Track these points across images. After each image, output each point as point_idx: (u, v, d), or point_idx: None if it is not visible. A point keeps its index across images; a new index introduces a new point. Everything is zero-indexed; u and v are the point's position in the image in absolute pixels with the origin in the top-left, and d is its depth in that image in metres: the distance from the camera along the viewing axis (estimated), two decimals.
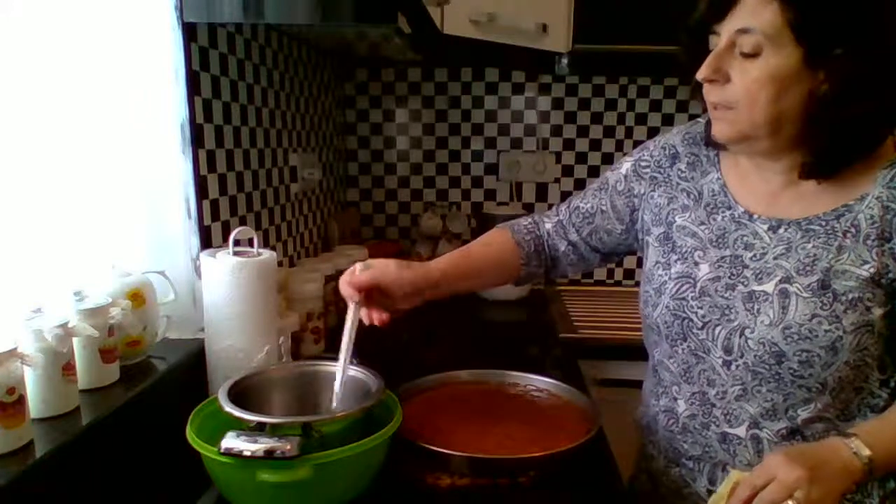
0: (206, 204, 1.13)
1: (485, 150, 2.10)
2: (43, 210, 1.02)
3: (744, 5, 0.76)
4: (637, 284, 2.22)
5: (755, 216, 0.87)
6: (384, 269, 0.90)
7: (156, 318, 1.06)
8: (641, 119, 2.06)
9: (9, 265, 0.96)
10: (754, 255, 0.86)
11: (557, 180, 2.12)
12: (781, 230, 0.85)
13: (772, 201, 0.87)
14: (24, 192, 1.00)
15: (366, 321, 0.88)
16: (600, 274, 2.17)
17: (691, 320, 0.89)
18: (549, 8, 1.64)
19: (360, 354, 0.94)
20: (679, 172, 0.96)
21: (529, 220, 1.10)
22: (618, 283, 2.17)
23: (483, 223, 1.93)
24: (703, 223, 0.91)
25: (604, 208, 1.03)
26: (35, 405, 0.80)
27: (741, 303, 0.85)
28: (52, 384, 0.82)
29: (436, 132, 2.10)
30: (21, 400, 0.74)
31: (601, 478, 0.91)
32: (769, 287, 0.83)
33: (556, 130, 2.08)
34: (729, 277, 0.87)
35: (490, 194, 2.14)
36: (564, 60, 1.79)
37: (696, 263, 0.90)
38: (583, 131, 2.08)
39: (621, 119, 2.06)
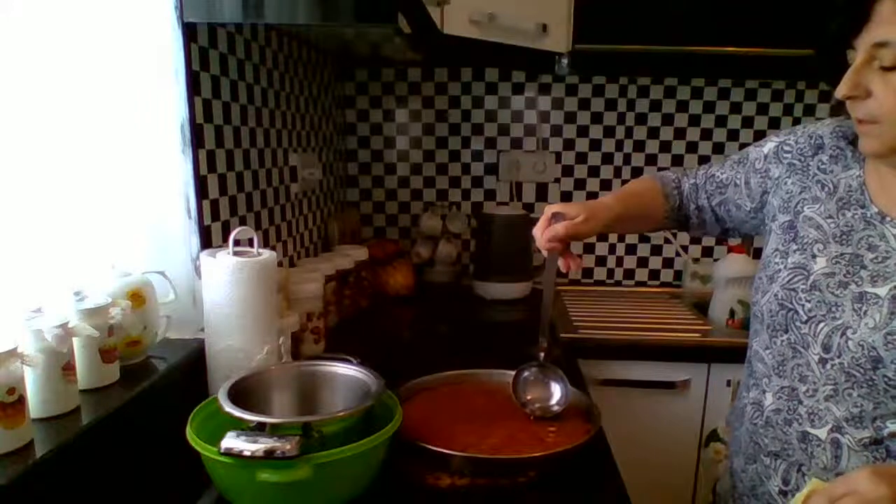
0: (206, 204, 1.13)
1: (485, 150, 2.10)
2: (43, 210, 1.03)
3: (878, 19, 0.75)
4: (637, 285, 2.24)
5: (888, 219, 0.85)
6: (576, 222, 0.98)
7: (156, 318, 1.06)
8: (641, 119, 2.06)
9: (9, 265, 0.96)
10: (876, 258, 0.84)
11: (557, 180, 2.12)
12: None
13: None
14: (24, 192, 1.00)
15: (563, 269, 1.00)
16: (600, 274, 2.17)
17: (797, 312, 0.88)
18: (549, 8, 1.64)
19: (361, 354, 0.94)
20: (819, 163, 0.94)
21: (674, 175, 1.13)
22: (618, 283, 2.18)
23: (483, 223, 1.93)
24: (830, 217, 0.90)
25: (737, 182, 1.03)
26: (35, 405, 0.80)
27: (850, 302, 0.83)
28: (52, 384, 0.82)
29: (436, 132, 2.10)
30: (21, 400, 0.74)
31: (601, 478, 0.91)
32: (882, 291, 0.81)
33: (556, 130, 2.08)
34: (843, 275, 0.85)
35: (490, 194, 2.14)
36: (564, 60, 1.78)
37: (814, 256, 0.89)
38: (583, 131, 2.08)
39: (621, 119, 2.06)
